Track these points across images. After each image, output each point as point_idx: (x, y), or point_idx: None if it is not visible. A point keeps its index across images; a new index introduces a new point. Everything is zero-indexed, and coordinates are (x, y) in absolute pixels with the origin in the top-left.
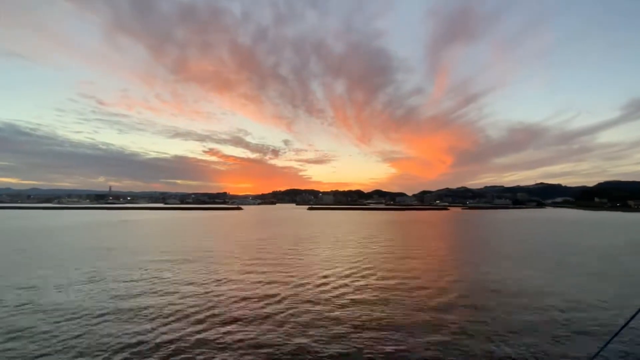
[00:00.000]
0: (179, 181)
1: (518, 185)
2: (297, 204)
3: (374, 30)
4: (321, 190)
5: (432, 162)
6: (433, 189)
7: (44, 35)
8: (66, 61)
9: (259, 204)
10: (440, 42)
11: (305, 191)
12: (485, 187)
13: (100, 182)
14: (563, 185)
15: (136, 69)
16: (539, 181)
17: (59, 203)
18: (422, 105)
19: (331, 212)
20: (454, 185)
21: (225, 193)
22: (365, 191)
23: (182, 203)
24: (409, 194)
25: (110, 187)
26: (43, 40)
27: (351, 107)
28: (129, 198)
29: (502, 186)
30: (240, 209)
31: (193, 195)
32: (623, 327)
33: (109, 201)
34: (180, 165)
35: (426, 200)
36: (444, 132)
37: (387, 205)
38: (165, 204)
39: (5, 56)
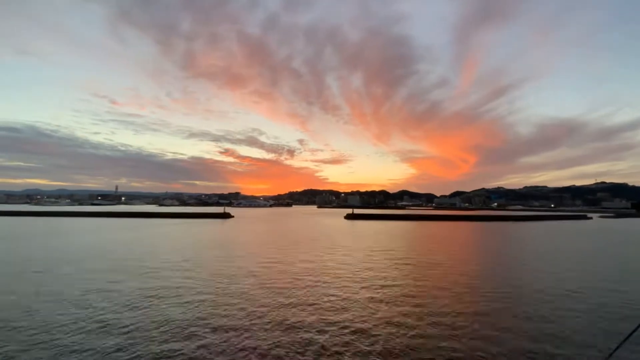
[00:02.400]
0: (198, 182)
1: (574, 185)
2: (318, 207)
3: (395, 13)
4: (339, 192)
5: (454, 161)
6: (457, 189)
7: (48, 30)
8: (73, 58)
9: (270, 205)
10: (470, 24)
11: (325, 191)
12: (525, 187)
13: (123, 183)
14: (630, 184)
15: (145, 66)
16: (598, 180)
17: (37, 204)
18: (445, 100)
19: (391, 225)
20: (480, 185)
21: (237, 193)
22: (391, 192)
23: (182, 205)
24: (437, 194)
25: (117, 187)
26: (47, 35)
27: (369, 102)
28: (123, 199)
29: (545, 186)
30: (227, 216)
31: (204, 196)
32: (634, 331)
33: (96, 202)
34: (197, 167)
35: (474, 202)
36: (469, 128)
37: (440, 209)
38: (160, 205)
39: (16, 55)
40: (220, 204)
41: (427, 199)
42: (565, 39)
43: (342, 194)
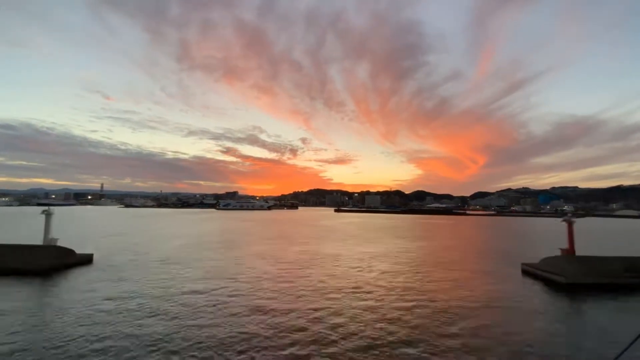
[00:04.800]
0: (202, 182)
1: (621, 185)
2: (336, 210)
3: None
4: (349, 192)
5: (463, 161)
6: (467, 190)
7: (33, 19)
8: (61, 49)
9: (269, 207)
10: (488, 6)
11: (335, 191)
12: (553, 187)
13: (127, 183)
14: None
15: (136, 57)
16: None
17: None
18: (457, 95)
19: None
20: (490, 186)
21: (235, 193)
22: (406, 192)
23: (158, 206)
24: (454, 194)
25: (102, 186)
26: (33, 24)
27: (375, 98)
28: (89, 197)
29: (576, 187)
30: (53, 269)
31: (198, 195)
32: (638, 337)
33: (43, 201)
34: (200, 167)
35: (524, 204)
36: (480, 127)
37: (506, 215)
38: (127, 206)
39: (4, 46)
40: (204, 205)
41: (462, 200)
42: (590, 28)
43: (355, 194)
